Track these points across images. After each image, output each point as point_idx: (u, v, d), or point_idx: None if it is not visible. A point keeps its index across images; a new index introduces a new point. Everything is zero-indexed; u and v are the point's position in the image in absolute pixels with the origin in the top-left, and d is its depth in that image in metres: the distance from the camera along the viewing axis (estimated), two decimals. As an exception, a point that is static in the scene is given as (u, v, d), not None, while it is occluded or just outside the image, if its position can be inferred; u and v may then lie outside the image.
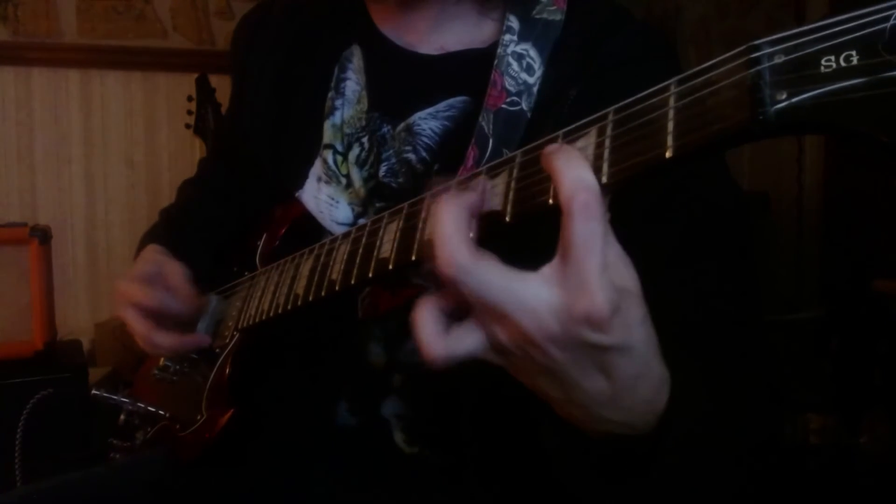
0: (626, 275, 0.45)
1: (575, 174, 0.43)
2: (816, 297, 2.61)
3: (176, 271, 0.87)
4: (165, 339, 0.84)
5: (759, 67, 0.38)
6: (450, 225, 0.45)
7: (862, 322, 2.32)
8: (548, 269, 0.44)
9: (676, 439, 0.50)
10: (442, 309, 0.47)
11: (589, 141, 0.46)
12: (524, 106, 0.73)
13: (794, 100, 0.37)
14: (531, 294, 0.43)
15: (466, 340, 0.47)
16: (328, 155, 0.84)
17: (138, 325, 0.84)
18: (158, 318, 0.84)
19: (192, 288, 0.87)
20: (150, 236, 0.97)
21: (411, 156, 0.80)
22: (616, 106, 0.45)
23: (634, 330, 0.45)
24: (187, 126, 2.57)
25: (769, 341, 0.68)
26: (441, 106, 0.79)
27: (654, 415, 0.50)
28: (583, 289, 0.42)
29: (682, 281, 0.62)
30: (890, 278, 2.15)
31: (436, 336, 0.47)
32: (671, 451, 0.51)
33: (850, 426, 2.17)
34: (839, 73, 0.36)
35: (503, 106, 0.73)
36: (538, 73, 0.74)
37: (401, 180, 0.80)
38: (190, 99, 2.56)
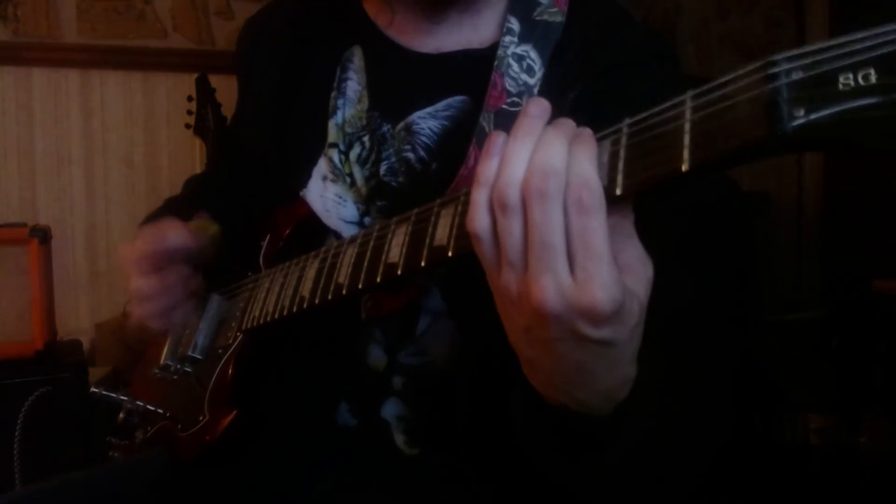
0: (641, 278, 0.47)
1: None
2: (816, 297, 2.61)
3: (173, 224, 0.85)
4: (146, 283, 0.82)
5: (777, 83, 0.37)
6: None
7: (862, 322, 2.32)
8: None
9: (630, 431, 0.52)
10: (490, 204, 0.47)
11: (603, 151, 0.46)
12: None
13: (812, 117, 0.36)
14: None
15: (488, 243, 0.47)
16: (333, 154, 0.84)
17: (133, 283, 0.82)
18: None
19: (190, 229, 0.85)
20: (150, 220, 0.96)
21: (410, 155, 0.80)
22: (631, 119, 0.45)
23: (624, 331, 0.46)
24: (187, 126, 2.57)
25: (758, 342, 0.69)
26: (440, 105, 0.79)
27: (612, 402, 0.52)
28: (591, 283, 0.43)
29: (671, 278, 0.62)
30: (890, 278, 2.15)
31: (483, 212, 0.47)
32: (624, 439, 0.53)
33: (850, 426, 2.17)
34: (857, 91, 0.35)
35: (503, 107, 0.73)
36: (539, 74, 0.74)
37: (401, 179, 0.80)
38: (190, 99, 2.56)
